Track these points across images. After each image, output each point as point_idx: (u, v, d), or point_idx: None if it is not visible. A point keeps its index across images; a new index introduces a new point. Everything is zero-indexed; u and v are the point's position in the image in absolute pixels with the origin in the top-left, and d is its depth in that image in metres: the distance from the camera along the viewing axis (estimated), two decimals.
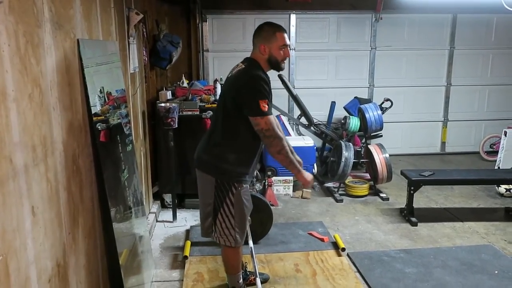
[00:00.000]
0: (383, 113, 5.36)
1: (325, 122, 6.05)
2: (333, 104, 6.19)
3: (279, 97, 6.21)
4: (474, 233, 4.09)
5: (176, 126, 4.22)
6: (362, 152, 5.47)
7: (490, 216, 4.51)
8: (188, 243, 3.72)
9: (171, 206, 4.42)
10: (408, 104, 6.79)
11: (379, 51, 6.61)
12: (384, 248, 3.77)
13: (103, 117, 2.51)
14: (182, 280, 3.25)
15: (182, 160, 4.54)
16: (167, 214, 4.47)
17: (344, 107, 6.14)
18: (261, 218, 3.67)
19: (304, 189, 5.03)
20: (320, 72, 6.61)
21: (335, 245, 3.77)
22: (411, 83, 6.76)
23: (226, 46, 6.34)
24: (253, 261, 3.24)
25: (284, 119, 5.86)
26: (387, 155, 4.96)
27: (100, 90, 2.52)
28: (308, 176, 2.73)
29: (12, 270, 1.51)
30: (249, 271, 3.18)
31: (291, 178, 5.07)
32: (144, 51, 4.30)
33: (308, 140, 5.03)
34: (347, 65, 6.62)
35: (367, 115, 5.20)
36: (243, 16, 6.35)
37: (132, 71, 3.72)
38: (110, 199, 2.48)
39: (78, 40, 2.24)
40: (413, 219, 4.27)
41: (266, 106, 2.49)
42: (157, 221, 4.34)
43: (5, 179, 1.49)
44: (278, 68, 2.69)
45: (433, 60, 6.74)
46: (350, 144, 5.05)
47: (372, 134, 5.37)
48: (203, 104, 4.52)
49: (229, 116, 2.60)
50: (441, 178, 4.47)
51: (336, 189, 5.14)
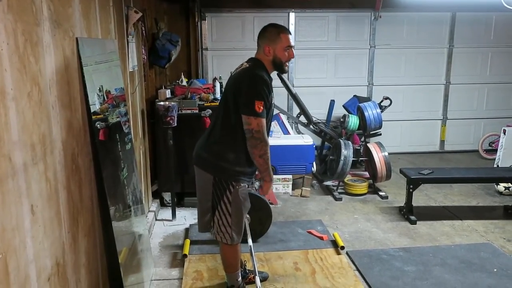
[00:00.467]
0: (382, 112, 5.36)
1: (324, 121, 6.05)
2: (332, 102, 6.20)
3: (278, 95, 6.20)
4: (473, 231, 4.10)
5: (175, 124, 4.22)
6: (361, 151, 5.47)
7: (489, 214, 4.52)
8: (188, 241, 3.72)
9: (170, 204, 4.42)
10: (407, 103, 6.80)
11: (378, 50, 6.60)
12: (383, 247, 3.77)
13: (102, 115, 2.51)
14: (182, 278, 3.26)
15: (181, 158, 4.54)
16: (167, 213, 4.48)
17: (343, 106, 6.14)
18: (260, 217, 3.67)
19: (304, 188, 5.03)
20: (319, 71, 6.61)
21: (334, 244, 3.77)
22: (410, 81, 6.76)
23: (225, 45, 6.34)
24: (252, 260, 3.24)
25: (283, 117, 5.85)
26: (386, 154, 4.96)
27: (99, 88, 2.52)
28: (270, 189, 2.79)
29: (12, 268, 1.51)
30: (248, 270, 3.18)
31: (290, 177, 5.07)
32: (143, 50, 4.30)
33: (307, 139, 5.03)
34: (346, 64, 6.62)
35: (366, 114, 5.21)
36: (242, 14, 6.34)
37: (131, 70, 3.71)
38: (110, 197, 2.48)
39: (77, 39, 2.24)
40: (412, 218, 4.28)
41: (261, 107, 2.49)
42: (156, 219, 4.34)
43: (4, 178, 1.48)
44: (282, 70, 2.70)
45: (432, 58, 6.74)
46: (349, 142, 5.05)
47: (371, 132, 5.37)
48: (202, 103, 4.53)
49: (230, 114, 2.60)
50: (440, 176, 4.48)
51: (335, 188, 5.14)
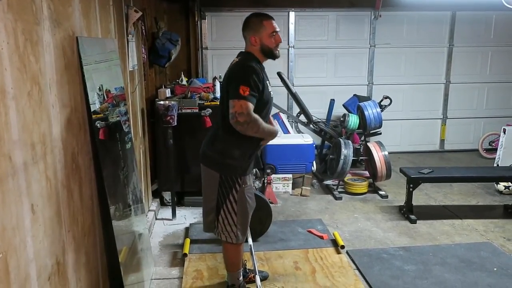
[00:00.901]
0: (382, 111, 5.37)
1: (324, 120, 6.05)
2: (332, 101, 6.20)
3: (278, 94, 6.20)
4: (473, 230, 4.10)
5: (175, 124, 4.22)
6: (361, 150, 5.47)
7: (489, 213, 4.52)
8: (188, 240, 3.72)
9: (171, 204, 4.42)
10: (407, 102, 6.80)
11: (378, 49, 6.60)
12: (383, 246, 3.78)
13: (102, 115, 2.51)
14: (182, 277, 3.26)
15: (181, 158, 4.54)
16: (167, 212, 4.48)
17: (343, 105, 6.14)
18: (261, 216, 3.67)
19: (304, 187, 5.03)
20: (319, 70, 6.61)
21: (334, 243, 3.77)
22: (410, 80, 6.76)
23: (225, 44, 6.33)
24: (253, 259, 3.25)
25: (283, 116, 5.86)
26: (386, 153, 4.96)
27: (99, 88, 2.52)
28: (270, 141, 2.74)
29: (12, 268, 1.51)
30: (248, 269, 3.18)
31: (290, 176, 5.07)
32: (143, 49, 4.29)
33: (307, 138, 5.03)
34: (346, 63, 6.62)
35: (366, 113, 5.21)
36: (242, 13, 6.23)
37: (131, 69, 3.71)
38: (110, 197, 2.48)
39: (77, 38, 2.24)
40: (412, 217, 4.28)
41: (247, 91, 2.44)
42: (156, 219, 4.34)
43: (5, 177, 1.48)
44: (273, 55, 2.67)
45: (432, 57, 6.74)
46: (349, 141, 5.05)
47: (371, 131, 5.37)
48: (202, 102, 4.53)
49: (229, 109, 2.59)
50: (440, 175, 4.48)
51: (335, 187, 5.14)
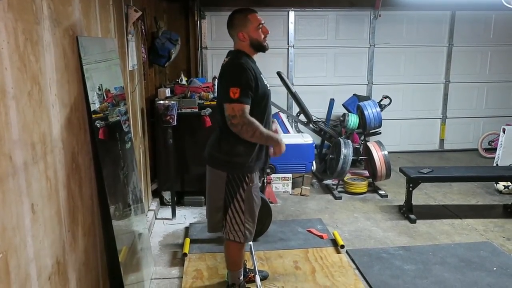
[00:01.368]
0: (381, 110, 5.37)
1: (324, 120, 6.05)
2: (332, 101, 6.20)
3: (278, 94, 6.21)
4: (473, 230, 4.10)
5: (175, 123, 4.22)
6: (361, 149, 5.47)
7: (488, 213, 4.52)
8: (187, 240, 3.72)
9: (170, 203, 4.42)
10: (407, 101, 6.80)
11: (377, 49, 6.60)
12: (383, 245, 3.78)
13: (102, 114, 2.51)
14: (182, 277, 3.26)
15: (181, 157, 4.54)
16: (166, 212, 4.48)
17: (343, 105, 6.14)
18: (260, 216, 3.62)
19: (303, 187, 5.03)
20: (319, 70, 6.61)
21: (334, 242, 3.77)
22: (409, 80, 6.76)
23: (225, 44, 6.20)
24: (252, 259, 3.25)
25: (283, 116, 5.86)
26: (386, 152, 4.97)
27: (99, 87, 2.52)
28: (283, 147, 2.69)
29: (12, 267, 1.51)
30: (248, 268, 3.18)
31: (290, 175, 5.07)
32: (142, 49, 4.29)
33: (307, 138, 5.03)
34: (346, 63, 6.62)
35: (366, 113, 5.21)
36: None
37: (131, 69, 3.71)
38: (110, 196, 2.48)
39: (77, 38, 2.23)
40: (412, 216, 4.28)
41: (237, 93, 2.45)
42: (156, 218, 4.34)
43: (5, 176, 1.48)
44: (263, 48, 2.69)
45: (432, 57, 6.75)
46: (349, 141, 5.05)
47: (370, 131, 5.37)
48: (202, 102, 4.52)
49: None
50: (439, 175, 4.48)
51: (335, 186, 5.14)
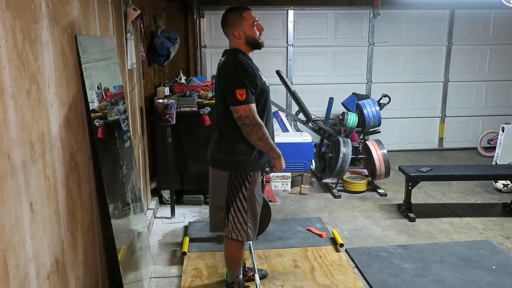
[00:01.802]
0: (381, 109, 5.37)
1: (323, 118, 6.05)
2: (331, 100, 6.20)
3: (277, 93, 6.20)
4: (472, 228, 4.11)
5: (174, 122, 4.21)
6: (360, 148, 5.47)
7: (487, 211, 4.53)
8: (187, 239, 3.72)
9: (169, 202, 4.42)
10: (406, 100, 6.80)
11: (377, 47, 6.60)
12: (382, 244, 3.78)
13: (101, 113, 2.50)
14: (181, 276, 3.26)
15: (180, 156, 4.54)
16: (166, 210, 4.47)
17: (342, 103, 6.14)
18: (260, 214, 3.66)
19: (302, 185, 5.03)
20: (318, 68, 6.60)
21: (333, 241, 3.78)
22: (409, 79, 6.76)
23: (224, 42, 6.16)
24: (252, 257, 3.25)
25: (282, 115, 5.86)
26: (385, 151, 4.97)
27: (98, 86, 2.51)
28: (283, 163, 2.73)
29: (11, 266, 1.51)
30: (247, 267, 3.18)
31: (289, 174, 5.07)
32: (141, 47, 4.28)
33: (306, 136, 5.03)
34: (345, 61, 6.62)
35: (365, 111, 5.21)
36: None
37: (130, 67, 3.71)
38: (109, 195, 2.48)
39: (75, 36, 2.23)
40: (411, 215, 4.28)
41: (244, 94, 2.48)
42: (155, 217, 4.34)
43: (3, 175, 1.48)
44: (258, 45, 2.70)
45: (431, 56, 6.74)
46: (348, 140, 5.06)
47: (370, 130, 5.37)
48: (201, 100, 4.52)
49: (226, 108, 2.59)
50: (439, 174, 4.49)
51: (334, 185, 5.14)
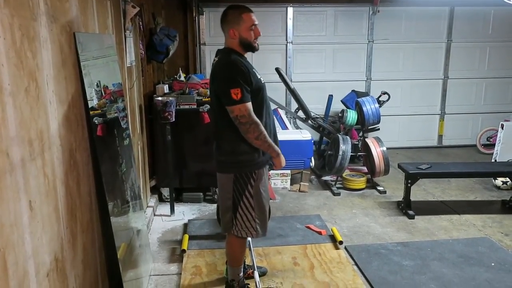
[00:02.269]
0: (380, 107, 5.36)
1: (323, 116, 6.05)
2: (330, 97, 6.19)
3: (276, 90, 6.20)
4: (471, 225, 4.11)
5: (173, 120, 4.21)
6: (359, 146, 5.47)
7: (487, 208, 4.53)
8: (186, 236, 3.73)
9: (169, 200, 4.42)
10: (405, 97, 6.80)
11: (376, 44, 6.60)
12: (382, 241, 3.78)
13: (100, 111, 2.50)
14: (180, 273, 3.26)
15: (180, 154, 4.53)
16: (165, 208, 4.48)
17: (342, 101, 6.14)
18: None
19: (302, 183, 5.04)
20: (318, 66, 6.60)
21: (332, 238, 3.78)
22: (408, 76, 6.76)
23: (223, 40, 6.25)
24: (251, 255, 3.25)
25: (282, 112, 5.85)
26: (385, 148, 4.97)
27: (97, 84, 2.51)
28: (283, 161, 2.71)
29: (10, 264, 1.51)
30: (247, 265, 3.19)
31: (288, 171, 5.07)
32: (140, 45, 4.27)
33: (306, 134, 5.02)
34: (345, 59, 6.61)
35: (364, 109, 5.20)
36: None
37: (129, 65, 3.70)
38: (108, 193, 2.48)
39: (74, 34, 2.22)
40: (410, 212, 4.29)
41: (239, 93, 2.46)
42: (154, 215, 4.34)
43: (2, 173, 1.48)
44: (252, 49, 2.66)
45: (430, 53, 6.74)
46: (348, 137, 5.06)
47: (369, 127, 5.37)
48: (200, 98, 4.52)
49: (222, 109, 2.58)
50: (438, 171, 4.49)
51: (333, 183, 5.15)
